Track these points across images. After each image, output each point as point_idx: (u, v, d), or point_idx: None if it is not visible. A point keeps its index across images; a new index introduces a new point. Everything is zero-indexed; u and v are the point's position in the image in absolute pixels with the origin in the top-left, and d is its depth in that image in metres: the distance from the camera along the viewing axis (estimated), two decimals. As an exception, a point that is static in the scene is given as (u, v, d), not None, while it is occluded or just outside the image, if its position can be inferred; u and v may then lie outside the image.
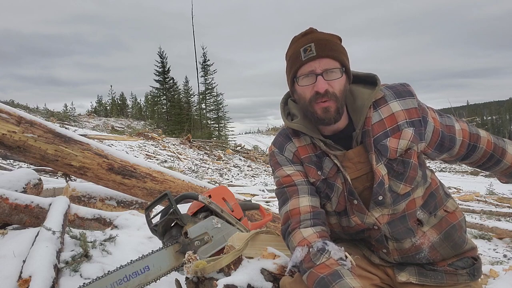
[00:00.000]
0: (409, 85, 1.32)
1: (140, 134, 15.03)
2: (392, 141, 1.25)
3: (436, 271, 1.30)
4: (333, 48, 1.22)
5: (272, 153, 1.39)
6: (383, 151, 1.25)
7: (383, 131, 1.26)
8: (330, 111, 1.21)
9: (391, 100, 1.28)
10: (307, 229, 1.23)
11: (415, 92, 1.31)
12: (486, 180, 12.40)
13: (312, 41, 1.21)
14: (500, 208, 6.70)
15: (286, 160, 1.35)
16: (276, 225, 3.24)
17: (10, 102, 22.87)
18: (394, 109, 1.26)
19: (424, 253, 1.29)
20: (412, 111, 1.27)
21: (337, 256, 1.15)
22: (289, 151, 1.35)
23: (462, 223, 1.35)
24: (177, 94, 33.20)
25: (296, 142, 1.35)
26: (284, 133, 1.39)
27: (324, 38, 1.23)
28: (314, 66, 1.20)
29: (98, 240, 2.06)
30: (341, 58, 1.22)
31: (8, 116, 2.55)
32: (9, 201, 2.23)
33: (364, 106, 1.25)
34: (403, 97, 1.28)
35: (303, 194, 1.29)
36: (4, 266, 1.66)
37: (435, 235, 1.29)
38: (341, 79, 1.23)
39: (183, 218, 1.55)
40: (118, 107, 41.42)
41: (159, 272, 1.46)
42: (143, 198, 3.13)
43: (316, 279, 1.11)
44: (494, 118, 75.68)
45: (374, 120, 1.26)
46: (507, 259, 3.76)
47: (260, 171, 13.10)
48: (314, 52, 1.20)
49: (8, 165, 6.02)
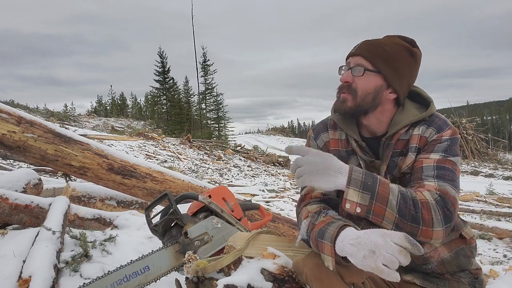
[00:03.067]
0: (454, 130, 1.28)
1: (140, 134, 15.03)
2: (401, 161, 1.30)
3: (439, 278, 1.34)
4: (371, 50, 1.28)
5: (309, 137, 1.51)
6: (392, 167, 1.31)
7: (401, 149, 1.31)
8: (346, 103, 1.29)
9: (421, 124, 1.30)
10: (312, 205, 1.32)
11: (451, 137, 1.26)
12: (486, 180, 12.39)
13: (363, 42, 1.33)
14: (500, 208, 6.69)
15: (317, 146, 1.46)
16: (276, 225, 3.24)
17: (10, 102, 22.87)
18: (414, 132, 1.30)
19: (432, 266, 1.32)
20: (423, 139, 1.28)
21: (335, 214, 1.24)
22: (321, 140, 1.46)
23: (473, 250, 1.38)
24: (177, 94, 33.21)
25: (331, 133, 1.45)
26: (324, 122, 1.49)
27: (374, 41, 1.31)
28: (350, 60, 1.32)
29: (98, 240, 2.06)
30: (375, 60, 1.27)
31: (8, 116, 2.55)
32: (9, 201, 2.22)
33: (401, 122, 1.30)
34: (430, 126, 1.29)
35: None
36: (4, 266, 1.66)
37: (446, 252, 1.32)
38: (364, 78, 1.27)
39: (183, 218, 1.55)
40: (118, 107, 41.45)
41: (159, 272, 1.46)
42: (143, 198, 3.13)
43: (315, 235, 1.16)
44: (494, 118, 75.68)
45: (400, 137, 1.31)
46: (507, 259, 3.76)
47: (260, 171, 13.10)
48: (354, 50, 1.31)
49: (8, 165, 6.02)
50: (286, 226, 3.28)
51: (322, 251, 1.13)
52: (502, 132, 59.30)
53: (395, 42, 1.29)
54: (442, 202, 1.13)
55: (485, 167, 17.28)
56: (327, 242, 1.11)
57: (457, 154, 1.25)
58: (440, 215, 1.11)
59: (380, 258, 0.97)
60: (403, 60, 1.28)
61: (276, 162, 15.83)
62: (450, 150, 1.24)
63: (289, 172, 13.86)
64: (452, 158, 1.23)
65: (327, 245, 1.10)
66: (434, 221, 1.10)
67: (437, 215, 1.10)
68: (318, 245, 1.15)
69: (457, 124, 21.28)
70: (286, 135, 51.13)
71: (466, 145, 20.73)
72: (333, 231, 1.11)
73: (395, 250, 0.97)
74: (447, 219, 1.11)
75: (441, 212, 1.11)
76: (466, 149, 20.61)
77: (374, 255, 0.98)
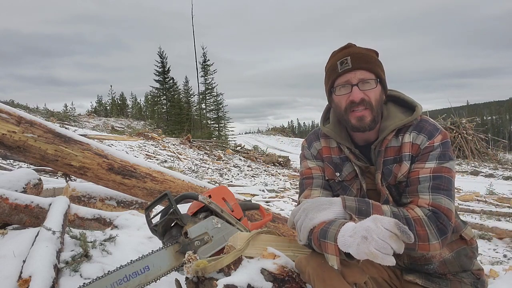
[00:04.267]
0: (445, 134, 1.30)
1: (140, 134, 15.02)
2: (396, 168, 1.32)
3: (442, 278, 1.35)
4: (368, 61, 1.30)
5: (303, 147, 1.58)
6: (386, 174, 1.33)
7: (393, 157, 1.33)
8: (365, 120, 1.30)
9: (411, 130, 1.32)
10: None
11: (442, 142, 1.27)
12: (486, 180, 12.39)
13: (349, 54, 1.31)
14: (500, 208, 6.69)
15: (311, 155, 1.52)
16: (276, 225, 3.24)
17: (10, 102, 22.87)
18: (406, 140, 1.32)
19: (434, 266, 1.34)
20: (415, 147, 1.30)
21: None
22: (314, 148, 1.52)
23: (475, 250, 1.40)
24: (177, 94, 33.17)
25: (323, 142, 1.51)
26: (316, 132, 1.56)
27: (359, 52, 1.32)
28: (349, 77, 1.30)
29: (98, 240, 2.06)
30: (375, 70, 1.31)
31: (8, 116, 2.55)
32: (9, 201, 2.22)
33: (388, 127, 1.33)
34: (421, 132, 1.31)
35: (316, 187, 1.44)
36: (4, 266, 1.66)
37: (447, 253, 1.34)
38: (376, 90, 1.31)
39: (183, 218, 1.55)
40: (118, 107, 41.44)
41: (159, 272, 1.46)
42: (143, 198, 3.13)
43: (317, 236, 1.18)
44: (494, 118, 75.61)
45: (390, 144, 1.33)
46: (507, 259, 3.76)
47: (260, 171, 13.10)
48: (350, 65, 1.29)
49: (8, 165, 6.02)
50: (286, 226, 3.28)
51: (326, 250, 1.13)
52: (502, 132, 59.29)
53: (367, 49, 1.35)
54: (434, 217, 1.18)
55: (485, 167, 17.28)
56: (330, 241, 1.12)
57: (451, 158, 1.27)
58: (433, 229, 1.16)
59: (373, 244, 0.99)
60: (380, 62, 1.36)
61: (276, 162, 15.82)
62: (444, 156, 1.26)
63: (289, 172, 13.86)
64: (447, 164, 1.25)
65: (330, 244, 1.11)
66: (429, 236, 1.15)
67: (431, 229, 1.16)
68: (321, 245, 1.15)
69: (457, 124, 21.29)
70: (286, 135, 51.13)
71: (466, 145, 20.72)
72: (335, 229, 1.12)
73: (386, 235, 0.99)
74: (441, 232, 1.16)
75: (434, 226, 1.16)
76: (466, 149, 20.60)
77: (367, 240, 1.00)
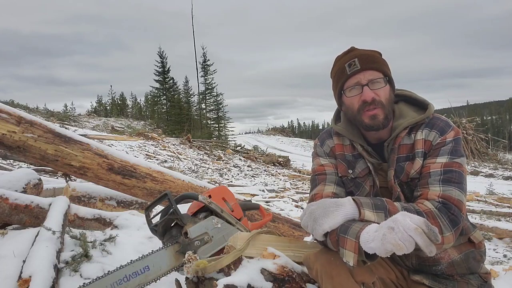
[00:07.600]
0: (457, 130, 1.31)
1: (140, 134, 15.02)
2: (408, 166, 1.33)
3: (449, 279, 1.35)
4: (375, 61, 1.33)
5: (315, 145, 1.60)
6: (399, 172, 1.34)
7: (406, 154, 1.34)
8: (378, 118, 1.32)
9: (423, 128, 1.34)
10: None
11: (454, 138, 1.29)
12: (486, 180, 12.39)
13: (356, 56, 1.34)
14: (500, 208, 6.69)
15: (323, 153, 1.54)
16: (276, 225, 3.24)
17: (10, 102, 22.88)
18: (418, 137, 1.33)
19: (442, 267, 1.34)
20: (428, 143, 1.31)
21: None
22: (327, 146, 1.54)
23: (483, 254, 1.40)
24: (177, 94, 33.18)
25: (335, 139, 1.53)
26: (328, 131, 1.58)
27: (365, 53, 1.35)
28: (359, 78, 1.32)
29: (98, 240, 2.06)
30: (383, 69, 1.34)
31: (8, 116, 2.55)
32: (9, 201, 2.22)
33: (401, 125, 1.34)
34: (433, 129, 1.32)
35: (330, 183, 1.45)
36: (4, 266, 1.66)
37: (455, 254, 1.34)
38: (385, 88, 1.34)
39: (183, 218, 1.55)
40: (118, 107, 41.45)
41: (159, 272, 1.46)
42: (143, 198, 3.12)
43: (337, 231, 1.16)
44: (494, 118, 75.57)
45: (403, 141, 1.35)
46: (507, 259, 3.75)
47: (260, 171, 13.10)
48: (358, 66, 1.32)
49: (8, 165, 6.02)
50: (286, 226, 3.28)
51: (344, 246, 1.12)
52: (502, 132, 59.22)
53: (371, 50, 1.39)
54: (445, 208, 1.17)
55: (485, 167, 17.28)
56: (350, 238, 1.11)
57: (462, 154, 1.28)
58: (445, 220, 1.16)
59: (399, 235, 0.98)
60: (386, 62, 1.39)
61: (276, 162, 15.83)
62: (455, 152, 1.27)
63: (289, 172, 13.86)
64: (458, 159, 1.27)
65: (350, 240, 1.10)
66: (442, 228, 1.15)
67: (443, 221, 1.15)
68: (339, 240, 1.14)
69: (457, 124, 21.30)
70: (286, 135, 51.15)
71: (466, 145, 20.73)
72: (358, 227, 1.11)
73: (411, 228, 0.98)
74: (453, 223, 1.16)
75: (446, 218, 1.16)
76: (466, 149, 20.61)
77: (393, 231, 0.99)
